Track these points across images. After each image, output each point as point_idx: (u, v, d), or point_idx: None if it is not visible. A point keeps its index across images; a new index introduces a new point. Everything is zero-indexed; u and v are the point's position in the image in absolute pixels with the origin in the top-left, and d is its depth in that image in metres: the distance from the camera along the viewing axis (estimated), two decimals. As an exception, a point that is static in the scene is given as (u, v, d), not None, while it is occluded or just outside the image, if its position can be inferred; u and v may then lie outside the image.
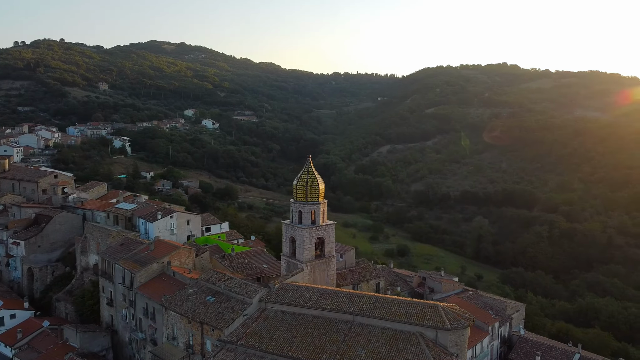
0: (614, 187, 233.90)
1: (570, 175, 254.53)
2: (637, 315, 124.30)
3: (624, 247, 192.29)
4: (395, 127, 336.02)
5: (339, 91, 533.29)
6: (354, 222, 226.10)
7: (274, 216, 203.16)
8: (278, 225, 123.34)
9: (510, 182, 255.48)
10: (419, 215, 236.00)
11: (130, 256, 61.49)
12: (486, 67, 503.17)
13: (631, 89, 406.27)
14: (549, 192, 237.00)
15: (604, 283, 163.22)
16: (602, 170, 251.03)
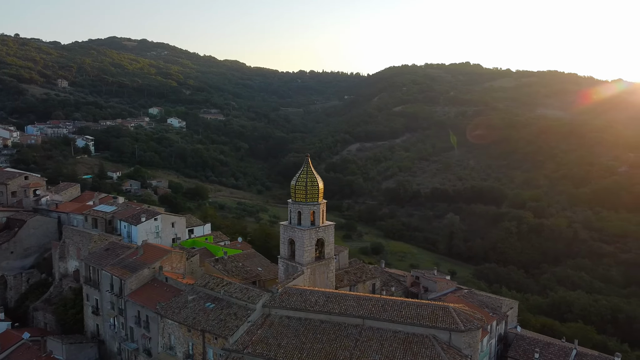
0: (577, 184, 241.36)
1: (535, 172, 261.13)
2: (607, 307, 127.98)
3: (588, 241, 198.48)
4: (364, 125, 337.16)
5: (305, 89, 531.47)
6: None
7: (246, 216, 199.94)
8: (263, 226, 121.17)
9: (478, 179, 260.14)
10: (391, 212, 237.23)
11: (118, 262, 58.28)
12: (450, 66, 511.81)
13: (588, 88, 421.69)
14: (516, 189, 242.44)
15: (572, 277, 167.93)
16: (565, 167, 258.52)
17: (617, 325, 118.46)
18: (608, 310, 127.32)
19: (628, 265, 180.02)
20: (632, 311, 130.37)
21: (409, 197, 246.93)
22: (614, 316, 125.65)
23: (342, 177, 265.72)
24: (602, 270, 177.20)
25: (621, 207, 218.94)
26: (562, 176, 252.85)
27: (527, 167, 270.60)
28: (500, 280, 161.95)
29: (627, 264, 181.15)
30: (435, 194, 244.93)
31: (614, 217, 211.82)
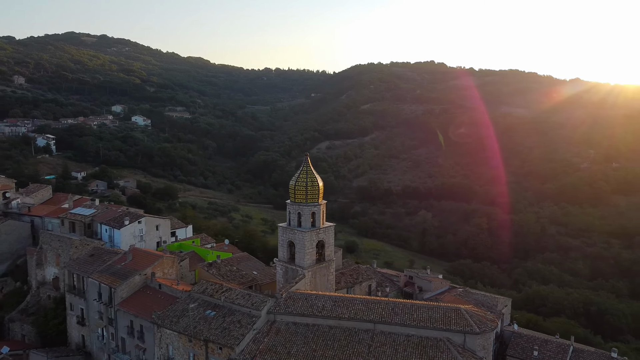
0: (542, 180, 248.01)
1: (501, 169, 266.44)
2: (579, 300, 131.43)
3: (556, 235, 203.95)
4: (333, 123, 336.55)
5: (271, 87, 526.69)
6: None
7: (218, 216, 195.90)
8: (246, 227, 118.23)
9: (448, 176, 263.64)
10: (363, 210, 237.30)
11: (106, 269, 54.96)
12: (415, 65, 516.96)
13: (548, 87, 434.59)
14: (485, 186, 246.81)
15: (542, 271, 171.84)
16: (530, 164, 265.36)
17: (589, 318, 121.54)
18: (580, 303, 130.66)
19: (593, 259, 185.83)
20: (602, 303, 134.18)
21: (380, 195, 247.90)
22: (585, 309, 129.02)
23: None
24: (569, 264, 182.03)
25: (584, 202, 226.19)
26: (527, 173, 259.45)
27: (493, 164, 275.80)
28: (475, 276, 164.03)
29: (592, 257, 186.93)
30: (407, 191, 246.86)
31: (579, 212, 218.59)
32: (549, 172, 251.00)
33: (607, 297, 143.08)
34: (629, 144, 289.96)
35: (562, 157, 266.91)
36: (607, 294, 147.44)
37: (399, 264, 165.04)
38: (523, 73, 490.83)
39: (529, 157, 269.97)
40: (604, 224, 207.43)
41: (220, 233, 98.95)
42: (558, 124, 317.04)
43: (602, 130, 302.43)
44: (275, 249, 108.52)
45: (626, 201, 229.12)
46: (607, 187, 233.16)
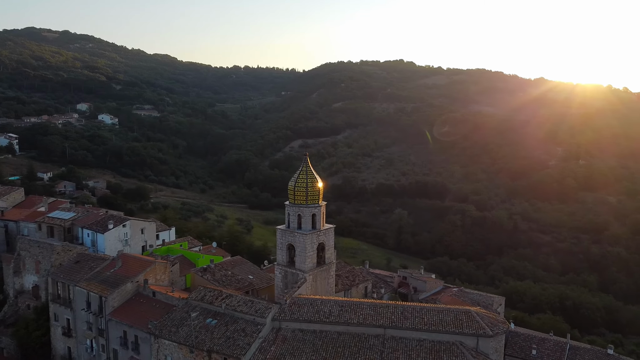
0: (513, 177, 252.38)
1: (473, 167, 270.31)
2: (555, 295, 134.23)
3: (528, 231, 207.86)
4: (305, 121, 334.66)
5: (240, 85, 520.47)
6: (275, 219, 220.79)
7: (192, 216, 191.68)
8: (231, 229, 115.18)
9: (421, 174, 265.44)
10: (338, 209, 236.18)
11: (94, 276, 51.92)
12: (385, 64, 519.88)
13: (514, 86, 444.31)
14: (458, 183, 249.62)
15: (517, 267, 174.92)
16: (501, 161, 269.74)
17: (565, 312, 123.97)
18: (556, 298, 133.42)
19: (564, 254, 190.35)
20: (577, 297, 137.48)
21: (355, 193, 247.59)
22: (562, 303, 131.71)
23: (287, 174, 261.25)
24: (542, 259, 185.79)
25: (554, 199, 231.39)
26: (498, 170, 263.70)
27: (464, 161, 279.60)
28: (452, 272, 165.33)
29: (563, 252, 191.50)
30: (381, 189, 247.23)
31: (549, 208, 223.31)
32: (519, 169, 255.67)
33: (580, 291, 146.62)
34: (593, 142, 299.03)
35: (530, 154, 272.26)
36: (581, 289, 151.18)
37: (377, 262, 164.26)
38: (490, 72, 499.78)
39: (499, 155, 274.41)
40: (573, 220, 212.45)
41: (202, 235, 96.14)
42: (525, 122, 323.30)
43: (567, 129, 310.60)
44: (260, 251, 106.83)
45: (592, 197, 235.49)
46: (575, 184, 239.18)
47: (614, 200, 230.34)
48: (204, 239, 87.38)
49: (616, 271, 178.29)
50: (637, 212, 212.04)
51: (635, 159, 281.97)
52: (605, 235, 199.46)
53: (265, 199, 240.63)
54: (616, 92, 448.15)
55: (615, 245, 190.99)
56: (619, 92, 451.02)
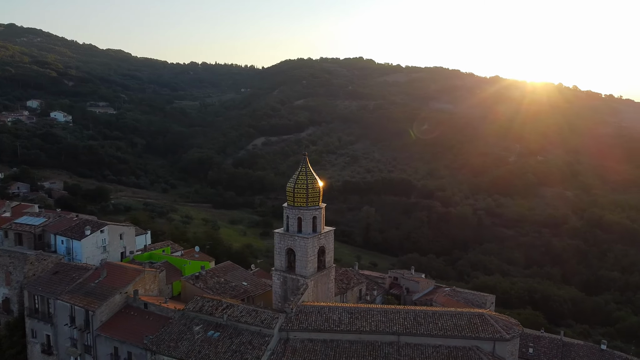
0: (475, 173, 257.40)
1: (436, 163, 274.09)
2: (524, 289, 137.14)
3: (492, 226, 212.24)
4: (268, 118, 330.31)
5: (198, 82, 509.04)
6: (240, 218, 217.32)
7: (156, 217, 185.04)
8: (209, 231, 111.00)
9: (386, 171, 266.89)
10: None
11: (77, 288, 47.84)
12: (344, 61, 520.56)
13: (472, 84, 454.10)
14: (422, 180, 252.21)
15: (484, 261, 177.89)
16: (463, 157, 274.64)
17: (535, 305, 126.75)
18: (525, 291, 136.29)
19: (527, 247, 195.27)
20: (544, 290, 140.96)
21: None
22: (530, 296, 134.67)
23: (251, 173, 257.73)
24: (506, 253, 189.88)
25: (515, 194, 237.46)
26: (460, 166, 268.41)
27: (428, 158, 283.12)
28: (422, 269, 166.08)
29: (525, 246, 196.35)
30: (347, 187, 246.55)
31: (510, 203, 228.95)
32: (481, 165, 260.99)
33: (547, 284, 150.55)
34: (547, 138, 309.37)
35: (491, 151, 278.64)
36: (547, 282, 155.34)
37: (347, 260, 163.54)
38: (447, 70, 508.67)
39: (461, 152, 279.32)
40: (534, 214, 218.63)
41: (177, 238, 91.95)
42: (484, 119, 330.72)
43: (523, 125, 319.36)
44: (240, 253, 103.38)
45: (551, 192, 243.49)
46: (534, 179, 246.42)
47: (570, 194, 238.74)
48: (181, 242, 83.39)
49: (576, 263, 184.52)
50: (593, 205, 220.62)
51: (587, 154, 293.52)
52: (564, 228, 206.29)
53: (230, 198, 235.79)
54: (566, 90, 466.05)
55: (575, 238, 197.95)
56: (569, 90, 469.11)
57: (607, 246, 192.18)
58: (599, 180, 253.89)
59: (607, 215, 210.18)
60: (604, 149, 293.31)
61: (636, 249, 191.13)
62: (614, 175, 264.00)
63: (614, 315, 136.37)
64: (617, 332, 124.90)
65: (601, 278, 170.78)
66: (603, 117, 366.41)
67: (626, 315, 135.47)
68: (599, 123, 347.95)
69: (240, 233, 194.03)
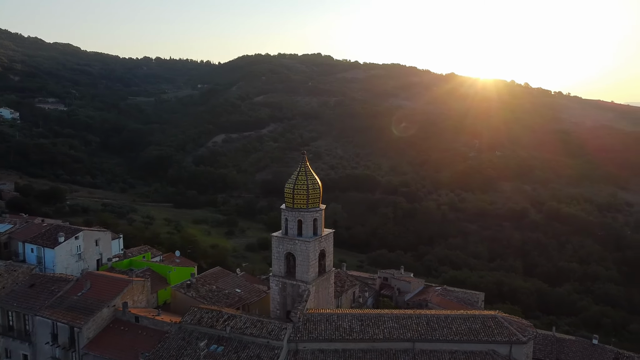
0: (436, 168, 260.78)
1: (399, 159, 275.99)
2: (492, 282, 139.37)
3: (455, 221, 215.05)
4: (227, 115, 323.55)
5: (152, 77, 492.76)
6: (204, 217, 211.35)
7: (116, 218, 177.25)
8: (184, 233, 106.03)
9: (349, 167, 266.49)
10: (270, 205, 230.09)
11: (57, 302, 43.62)
12: (303, 57, 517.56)
13: (429, 80, 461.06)
14: (386, 176, 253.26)
15: (450, 256, 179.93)
16: (425, 153, 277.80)
17: (503, 298, 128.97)
18: (494, 284, 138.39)
19: (490, 241, 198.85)
20: (512, 283, 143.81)
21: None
22: (499, 289, 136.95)
23: (213, 171, 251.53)
24: (471, 247, 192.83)
25: (476, 189, 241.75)
26: (422, 162, 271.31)
27: (390, 154, 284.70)
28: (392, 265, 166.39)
29: (488, 240, 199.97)
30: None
31: (472, 198, 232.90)
32: (442, 161, 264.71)
33: (513, 277, 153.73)
34: (504, 134, 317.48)
35: (451, 146, 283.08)
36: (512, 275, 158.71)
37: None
38: (404, 67, 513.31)
39: (423, 148, 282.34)
40: (495, 208, 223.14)
41: (150, 242, 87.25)
42: (443, 115, 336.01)
43: (479, 122, 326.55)
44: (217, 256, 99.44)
45: (510, 186, 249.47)
46: (494, 174, 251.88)
47: (529, 188, 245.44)
48: (157, 246, 79.03)
49: (537, 255, 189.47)
50: (551, 199, 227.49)
51: (541, 149, 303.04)
52: (525, 222, 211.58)
53: (191, 196, 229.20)
54: (518, 87, 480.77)
55: (535, 231, 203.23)
56: (520, 87, 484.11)
57: (565, 238, 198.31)
58: (553, 175, 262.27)
59: (563, 208, 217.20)
60: (556, 144, 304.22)
61: (592, 240, 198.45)
62: (567, 170, 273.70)
63: (577, 305, 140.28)
64: (581, 321, 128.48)
65: (561, 269, 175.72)
66: (554, 114, 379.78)
67: (588, 305, 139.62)
68: (550, 119, 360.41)
69: (205, 233, 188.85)
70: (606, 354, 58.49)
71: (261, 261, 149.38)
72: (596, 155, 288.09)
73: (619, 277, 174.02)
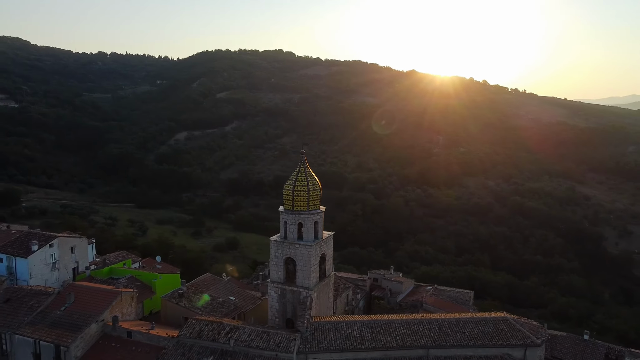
0: (403, 165, 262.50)
1: (365, 156, 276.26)
2: (464, 277, 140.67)
3: (423, 217, 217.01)
4: (189, 112, 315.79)
5: (108, 73, 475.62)
6: (169, 217, 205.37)
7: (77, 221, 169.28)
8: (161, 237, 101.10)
9: (316, 164, 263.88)
10: (236, 204, 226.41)
11: (39, 318, 39.72)
12: (264, 53, 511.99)
13: (390, 77, 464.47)
14: (353, 173, 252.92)
15: (420, 252, 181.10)
16: (391, 150, 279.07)
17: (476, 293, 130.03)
18: (465, 279, 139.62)
19: (457, 236, 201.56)
20: (483, 277, 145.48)
21: (252, 187, 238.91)
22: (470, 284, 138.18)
23: (177, 169, 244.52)
24: (439, 242, 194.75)
25: (442, 184, 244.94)
26: (389, 159, 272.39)
27: (356, 151, 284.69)
28: (365, 262, 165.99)
29: (455, 235, 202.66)
30: (279, 181, 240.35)
31: (438, 194, 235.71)
32: (408, 157, 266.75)
33: (484, 272, 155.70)
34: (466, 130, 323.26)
35: (415, 142, 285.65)
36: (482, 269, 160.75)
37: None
38: (366, 64, 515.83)
39: (388, 144, 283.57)
40: (461, 204, 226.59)
41: (122, 246, 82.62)
42: (404, 112, 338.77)
43: (442, 118, 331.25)
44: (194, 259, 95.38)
45: (474, 182, 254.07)
46: (458, 170, 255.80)
47: (492, 184, 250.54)
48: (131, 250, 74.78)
49: (503, 249, 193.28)
50: (514, 194, 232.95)
51: (501, 145, 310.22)
52: (490, 216, 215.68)
53: (154, 196, 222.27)
54: (477, 84, 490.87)
55: (500, 225, 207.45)
56: (479, 84, 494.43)
57: (529, 231, 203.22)
58: (515, 170, 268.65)
59: (526, 203, 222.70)
60: (516, 140, 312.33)
61: (554, 233, 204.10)
62: (527, 165, 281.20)
63: (545, 297, 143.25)
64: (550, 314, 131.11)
65: (526, 262, 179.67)
66: (512, 110, 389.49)
67: (555, 297, 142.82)
68: (509, 115, 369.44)
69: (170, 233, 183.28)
70: (598, 350, 58.78)
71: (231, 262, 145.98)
72: (554, 150, 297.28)
73: (580, 268, 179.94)
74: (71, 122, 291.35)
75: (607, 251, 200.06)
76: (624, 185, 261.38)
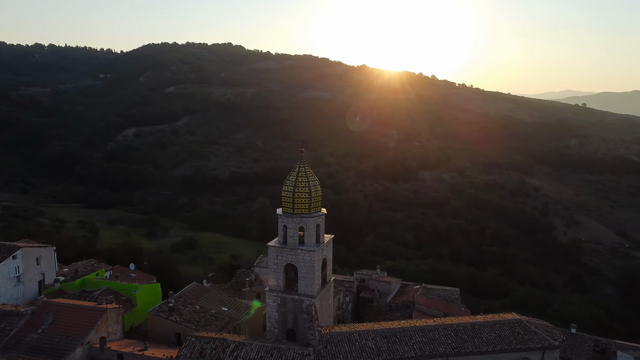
0: (360, 159, 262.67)
1: (321, 151, 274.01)
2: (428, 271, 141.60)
3: (382, 211, 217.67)
4: (138, 107, 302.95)
5: (47, 66, 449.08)
6: (120, 218, 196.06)
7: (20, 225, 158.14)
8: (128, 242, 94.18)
9: (272, 160, 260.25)
10: (191, 202, 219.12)
11: (13, 344, 34.76)
12: (213, 47, 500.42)
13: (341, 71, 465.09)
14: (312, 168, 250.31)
15: (381, 246, 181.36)
16: (346, 144, 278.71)
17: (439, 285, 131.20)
18: (429, 273, 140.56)
19: (416, 230, 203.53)
20: (446, 270, 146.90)
21: (207, 184, 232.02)
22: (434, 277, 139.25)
23: (126, 167, 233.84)
24: (399, 236, 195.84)
25: (399, 178, 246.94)
26: (345, 153, 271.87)
27: (312, 146, 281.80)
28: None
29: (414, 228, 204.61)
30: (235, 178, 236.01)
31: (396, 188, 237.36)
32: (365, 152, 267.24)
33: (447, 265, 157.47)
34: (419, 125, 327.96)
35: (372, 137, 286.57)
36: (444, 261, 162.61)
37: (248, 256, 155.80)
38: (317, 59, 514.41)
39: (344, 139, 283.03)
40: (419, 197, 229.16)
41: (83, 252, 76.31)
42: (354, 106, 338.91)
43: (395, 112, 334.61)
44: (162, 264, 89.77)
45: (430, 175, 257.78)
46: (415, 164, 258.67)
47: (447, 177, 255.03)
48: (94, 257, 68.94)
49: (461, 241, 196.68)
50: (470, 187, 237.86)
51: (453, 139, 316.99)
52: (447, 209, 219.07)
53: (104, 195, 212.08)
54: (426, 79, 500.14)
55: (457, 218, 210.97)
56: (428, 79, 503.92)
57: (484, 223, 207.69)
58: (468, 163, 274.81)
59: (481, 195, 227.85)
60: (467, 134, 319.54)
61: (508, 224, 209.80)
62: (479, 158, 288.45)
63: (504, 287, 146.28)
64: (510, 303, 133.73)
65: (483, 253, 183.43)
66: (461, 105, 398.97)
67: (515, 287, 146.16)
68: (459, 110, 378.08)
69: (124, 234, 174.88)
70: (586, 342, 59.32)
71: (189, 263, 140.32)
72: (503, 143, 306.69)
73: (534, 258, 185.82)
74: (8, 117, 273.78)
75: (557, 240, 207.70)
76: (569, 176, 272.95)
